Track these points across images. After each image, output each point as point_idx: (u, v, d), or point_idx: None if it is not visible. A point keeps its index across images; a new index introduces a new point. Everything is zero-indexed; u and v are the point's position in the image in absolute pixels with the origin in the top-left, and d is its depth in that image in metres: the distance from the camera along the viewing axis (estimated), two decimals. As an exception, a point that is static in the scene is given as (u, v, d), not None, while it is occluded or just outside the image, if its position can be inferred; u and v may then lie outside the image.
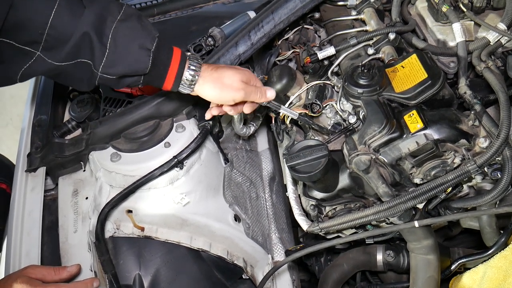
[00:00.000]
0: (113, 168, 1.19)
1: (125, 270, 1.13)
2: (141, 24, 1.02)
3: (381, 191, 0.99)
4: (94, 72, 1.00)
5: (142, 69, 1.01)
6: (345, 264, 1.20)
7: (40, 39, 0.94)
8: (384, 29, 1.22)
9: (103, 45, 0.97)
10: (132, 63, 1.00)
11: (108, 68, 1.00)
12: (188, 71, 1.04)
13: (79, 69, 1.00)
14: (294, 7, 1.32)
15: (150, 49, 1.00)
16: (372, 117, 1.01)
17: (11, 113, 3.34)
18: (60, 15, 0.94)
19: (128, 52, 0.99)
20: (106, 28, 0.98)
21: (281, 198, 1.38)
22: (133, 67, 1.01)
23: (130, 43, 0.99)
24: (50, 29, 0.94)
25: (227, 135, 1.40)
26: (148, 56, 1.00)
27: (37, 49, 0.95)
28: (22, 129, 1.41)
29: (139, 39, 1.00)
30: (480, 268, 1.03)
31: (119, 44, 0.98)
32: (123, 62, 0.99)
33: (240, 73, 1.07)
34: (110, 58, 0.98)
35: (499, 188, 0.94)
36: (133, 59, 1.00)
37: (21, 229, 1.20)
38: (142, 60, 1.00)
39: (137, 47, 0.99)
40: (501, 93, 0.99)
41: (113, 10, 1.00)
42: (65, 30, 0.95)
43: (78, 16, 0.96)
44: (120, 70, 1.00)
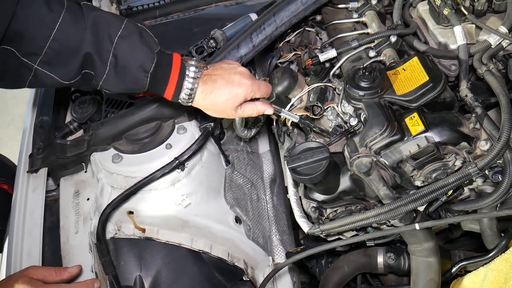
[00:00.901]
0: (115, 169, 1.19)
1: (126, 271, 1.13)
2: (141, 41, 1.03)
3: (382, 194, 0.99)
4: (95, 85, 1.04)
5: (140, 88, 1.04)
6: (345, 266, 1.20)
7: (40, 51, 0.96)
8: (385, 31, 1.22)
9: (104, 63, 1.00)
10: (130, 83, 1.03)
11: (107, 86, 1.03)
12: (184, 91, 1.06)
13: (85, 78, 1.03)
14: (295, 10, 1.32)
15: (148, 71, 1.02)
16: (373, 119, 1.01)
17: (12, 113, 3.35)
18: (63, 28, 0.96)
19: (127, 72, 1.02)
20: (108, 45, 1.00)
21: (282, 200, 1.39)
22: (131, 87, 1.04)
23: (130, 62, 1.01)
24: (53, 42, 0.95)
25: (228, 137, 1.41)
26: (146, 77, 1.02)
27: (34, 62, 0.97)
28: (24, 130, 1.42)
29: (139, 59, 1.02)
30: (481, 271, 1.03)
31: (119, 63, 1.01)
32: (122, 81, 1.03)
33: (233, 99, 1.07)
34: (109, 76, 1.01)
35: (500, 191, 0.94)
36: (131, 79, 1.03)
37: (22, 230, 1.20)
38: (140, 81, 1.03)
39: (136, 68, 1.02)
40: (502, 96, 0.99)
41: (114, 25, 1.01)
42: (68, 44, 0.97)
43: (81, 30, 0.98)
44: (118, 89, 1.04)
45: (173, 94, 1.06)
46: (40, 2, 0.94)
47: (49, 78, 1.00)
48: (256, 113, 1.13)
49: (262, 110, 1.13)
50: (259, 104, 1.12)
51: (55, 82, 1.01)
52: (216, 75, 1.09)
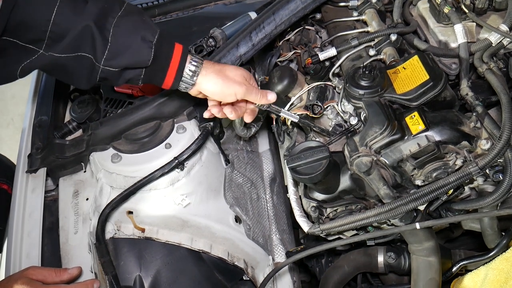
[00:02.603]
0: (114, 169, 1.19)
1: (125, 272, 1.13)
2: (142, 19, 1.03)
3: (382, 193, 0.99)
4: (96, 65, 1.00)
5: (145, 60, 1.01)
6: (346, 266, 1.20)
7: (43, 36, 0.95)
8: (385, 30, 1.21)
9: (105, 39, 0.98)
10: (134, 55, 1.00)
11: (110, 61, 1.00)
12: (190, 64, 1.04)
13: (79, 63, 1.00)
14: (295, 8, 1.32)
15: (152, 41, 1.00)
16: (374, 118, 1.01)
17: (12, 113, 3.34)
18: (62, 11, 0.95)
19: (130, 44, 1.00)
20: (107, 23, 0.98)
21: (282, 199, 1.38)
22: (135, 59, 1.01)
23: (132, 36, 1.00)
24: (53, 25, 0.95)
25: (228, 136, 1.40)
26: (150, 48, 1.00)
27: (40, 47, 0.96)
28: (22, 129, 1.41)
29: (141, 31, 1.00)
30: (481, 270, 1.03)
31: (121, 37, 0.99)
32: (125, 54, 1.00)
33: (242, 70, 1.09)
34: (112, 50, 0.99)
35: (501, 190, 0.94)
36: (135, 50, 1.00)
37: (21, 230, 1.20)
38: (144, 52, 1.00)
39: (139, 39, 1.00)
40: (503, 94, 0.99)
41: (114, 6, 1.01)
42: (67, 26, 0.96)
43: (80, 11, 0.97)
44: (122, 62, 1.00)
45: (177, 68, 1.03)
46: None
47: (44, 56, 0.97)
48: (260, 96, 1.10)
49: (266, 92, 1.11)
50: (262, 90, 1.12)
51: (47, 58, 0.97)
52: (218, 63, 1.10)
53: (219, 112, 1.13)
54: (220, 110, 1.13)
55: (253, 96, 1.10)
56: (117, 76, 1.02)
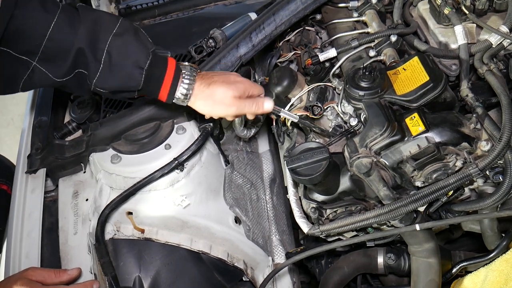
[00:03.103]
0: (114, 170, 1.19)
1: (125, 272, 1.12)
2: (136, 38, 1.03)
3: (382, 194, 0.99)
4: (89, 84, 1.03)
5: (135, 86, 1.03)
6: (345, 267, 1.19)
7: (37, 50, 0.96)
8: (385, 31, 1.21)
9: (98, 61, 0.99)
10: (125, 80, 1.02)
11: (101, 84, 1.02)
12: (181, 88, 1.05)
13: (79, 78, 1.02)
14: (295, 9, 1.31)
15: (143, 67, 1.01)
16: (374, 119, 1.01)
17: (12, 113, 3.34)
18: (58, 28, 0.96)
19: (121, 69, 1.01)
20: (101, 43, 0.99)
21: (281, 200, 1.38)
22: (125, 84, 1.03)
23: (124, 60, 1.01)
24: (48, 41, 0.96)
25: (227, 137, 1.40)
26: (141, 74, 1.01)
27: (33, 59, 0.97)
28: (22, 130, 1.41)
29: (134, 55, 1.01)
30: (481, 271, 1.03)
31: (113, 60, 1.00)
32: (116, 78, 1.02)
33: (232, 89, 1.07)
34: (103, 73, 1.00)
35: (501, 191, 0.94)
36: (126, 76, 1.02)
37: (21, 231, 1.20)
38: (135, 78, 1.02)
39: (131, 64, 1.01)
40: (503, 96, 0.99)
41: (109, 23, 1.01)
42: (62, 44, 0.97)
43: (75, 30, 0.98)
44: (112, 87, 1.03)
45: (168, 91, 1.05)
46: (35, 3, 0.95)
47: (44, 76, 1.00)
48: (256, 108, 1.10)
49: (262, 101, 1.11)
50: (259, 98, 1.12)
51: (49, 80, 1.01)
52: (212, 74, 1.10)
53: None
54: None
55: (247, 111, 1.10)
56: (109, 95, 1.06)
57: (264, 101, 1.11)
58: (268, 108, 1.12)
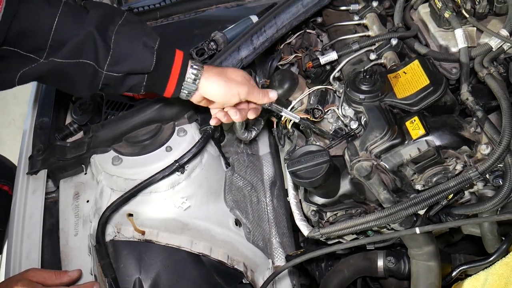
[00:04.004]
0: (115, 172, 1.19)
1: (125, 274, 1.13)
2: (142, 27, 1.04)
3: (382, 197, 0.99)
4: (99, 71, 1.00)
5: (147, 66, 1.01)
6: (345, 270, 1.19)
7: (45, 45, 0.95)
8: (386, 34, 1.22)
9: (107, 45, 0.98)
10: (137, 60, 1.01)
11: (114, 66, 1.00)
12: (191, 69, 1.05)
13: (81, 70, 0.99)
14: (296, 12, 1.32)
15: (153, 46, 1.01)
16: (374, 123, 1.01)
17: (13, 113, 3.35)
18: (64, 19, 0.96)
19: (132, 50, 1.00)
20: (109, 30, 0.99)
21: (282, 203, 1.38)
22: (138, 64, 1.01)
23: (134, 42, 1.01)
24: (55, 33, 0.95)
25: (228, 139, 1.40)
26: (152, 53, 1.01)
27: (41, 56, 0.96)
28: (24, 131, 1.42)
29: (142, 38, 1.01)
30: (481, 275, 1.03)
31: (123, 44, 1.00)
32: (128, 59, 1.00)
33: (242, 71, 1.10)
34: (114, 56, 0.99)
35: (500, 195, 0.94)
36: (137, 56, 1.01)
37: (21, 232, 1.20)
38: (147, 57, 1.01)
39: (141, 45, 1.01)
40: (503, 99, 0.99)
41: (115, 15, 1.02)
42: (69, 34, 0.97)
43: (81, 19, 0.98)
44: (125, 67, 1.01)
45: (179, 73, 1.04)
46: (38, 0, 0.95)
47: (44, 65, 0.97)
48: (263, 95, 1.11)
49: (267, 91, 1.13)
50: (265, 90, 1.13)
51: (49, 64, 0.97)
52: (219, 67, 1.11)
53: (225, 116, 1.13)
54: (225, 114, 1.13)
55: (255, 96, 1.10)
56: (119, 82, 1.02)
57: (269, 91, 1.13)
58: (273, 97, 1.13)
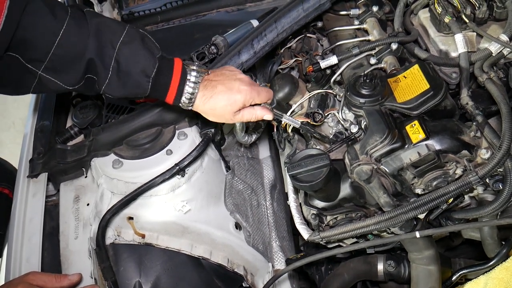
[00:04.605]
0: (115, 175, 1.19)
1: (125, 277, 1.12)
2: (143, 46, 1.04)
3: (382, 201, 0.99)
4: (97, 89, 1.05)
5: (142, 93, 1.06)
6: (345, 274, 1.19)
7: (44, 58, 0.97)
8: (386, 39, 1.22)
9: (106, 68, 1.01)
10: (132, 88, 1.05)
11: (110, 90, 1.05)
12: (185, 96, 1.07)
13: (88, 83, 1.04)
14: (297, 16, 1.32)
15: (150, 76, 1.03)
16: (374, 127, 1.02)
17: (13, 116, 3.35)
18: (68, 35, 0.97)
19: (129, 77, 1.03)
20: (110, 51, 1.01)
21: (282, 206, 1.38)
22: (133, 92, 1.06)
23: (132, 68, 1.03)
24: (57, 48, 0.96)
25: (228, 143, 1.41)
26: (148, 82, 1.04)
27: (38, 68, 0.98)
28: (24, 134, 1.42)
29: (141, 64, 1.03)
30: (481, 279, 1.03)
31: (121, 68, 1.02)
32: (124, 86, 1.04)
33: (232, 106, 1.08)
34: (111, 81, 1.03)
35: (500, 199, 0.94)
36: (133, 84, 1.04)
37: (22, 235, 1.20)
38: (142, 85, 1.04)
39: (138, 72, 1.03)
40: (503, 104, 0.99)
41: (116, 30, 1.03)
42: (72, 50, 0.98)
43: (84, 37, 0.99)
44: (120, 94, 1.06)
45: (174, 98, 1.08)
46: (44, 10, 0.95)
47: (53, 84, 1.01)
48: (255, 118, 1.13)
49: (261, 115, 1.13)
50: (258, 109, 1.13)
51: (59, 87, 1.02)
52: (217, 81, 1.09)
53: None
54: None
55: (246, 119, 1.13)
56: (117, 100, 1.09)
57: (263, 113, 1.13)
58: (267, 118, 1.14)
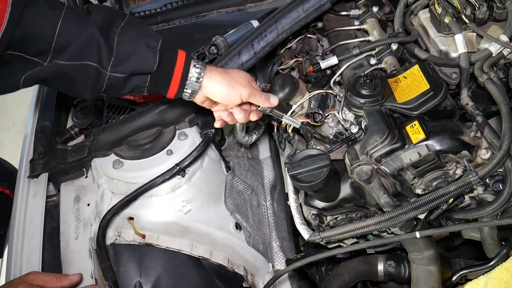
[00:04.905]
0: (115, 175, 1.19)
1: (125, 278, 1.13)
2: (144, 28, 1.05)
3: (382, 201, 0.99)
4: (102, 73, 1.01)
5: (150, 66, 1.02)
6: (346, 274, 1.19)
7: (49, 48, 0.96)
8: (386, 39, 1.22)
9: (110, 46, 1.00)
10: (140, 61, 1.02)
11: (117, 67, 1.01)
12: (194, 68, 1.06)
13: (84, 72, 1.00)
14: (297, 17, 1.33)
15: (156, 47, 1.02)
16: (374, 127, 1.02)
17: (14, 117, 3.35)
18: (67, 22, 0.97)
19: (135, 51, 1.01)
20: (111, 32, 1.00)
21: (282, 207, 1.39)
22: (141, 65, 1.02)
23: (136, 43, 1.02)
24: (58, 37, 0.96)
25: (229, 143, 1.41)
26: (155, 54, 1.02)
27: (45, 60, 0.97)
28: (25, 135, 1.42)
29: (145, 39, 1.03)
30: (481, 279, 1.03)
31: (125, 45, 1.01)
32: (131, 60, 1.01)
33: (244, 73, 1.12)
34: (118, 57, 1.00)
35: (500, 199, 0.94)
36: (140, 56, 1.02)
37: (22, 235, 1.20)
38: (150, 58, 1.02)
39: (144, 46, 1.02)
40: (503, 104, 0.99)
41: (117, 17, 1.03)
42: (72, 36, 0.98)
43: (84, 21, 0.99)
44: (129, 68, 1.02)
45: (181, 73, 1.05)
46: (42, 4, 0.96)
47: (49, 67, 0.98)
48: (265, 99, 1.12)
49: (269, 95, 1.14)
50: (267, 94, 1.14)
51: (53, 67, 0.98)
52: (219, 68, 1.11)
53: (229, 116, 1.14)
54: (229, 114, 1.14)
55: (257, 98, 1.11)
56: (123, 83, 1.03)
57: (270, 96, 1.14)
58: (274, 102, 1.14)
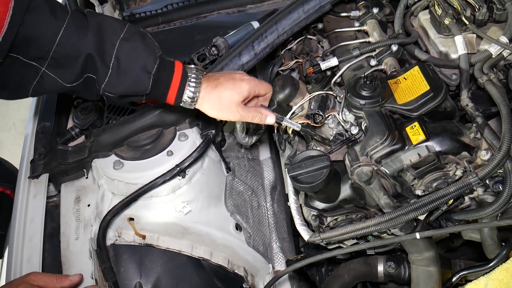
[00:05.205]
0: (116, 176, 1.20)
1: (125, 278, 1.13)
2: (143, 43, 1.04)
3: (382, 202, 1.00)
4: (97, 89, 1.04)
5: (143, 90, 1.04)
6: (346, 275, 1.19)
7: (46, 55, 0.97)
8: (386, 40, 1.22)
9: (106, 66, 1.00)
10: (133, 85, 1.03)
11: (110, 88, 1.03)
12: (187, 92, 1.06)
13: (88, 83, 1.03)
14: (297, 18, 1.33)
15: (151, 72, 1.02)
16: (374, 128, 1.02)
17: (14, 117, 3.35)
18: (67, 34, 0.97)
19: (129, 73, 1.02)
20: (109, 48, 1.00)
21: (282, 207, 1.39)
22: (133, 89, 1.04)
23: (132, 64, 1.02)
24: (58, 47, 0.97)
25: (229, 144, 1.41)
26: (149, 78, 1.03)
27: (42, 65, 0.98)
28: (25, 135, 1.42)
29: (141, 60, 1.02)
30: (481, 280, 1.03)
31: (122, 65, 1.01)
32: (124, 83, 1.03)
33: (238, 93, 1.08)
34: (111, 78, 1.02)
35: (500, 200, 0.94)
36: (134, 80, 1.03)
37: (23, 236, 1.20)
38: (143, 82, 1.03)
39: (139, 68, 1.02)
40: (502, 106, 0.99)
41: (116, 28, 1.02)
42: (71, 49, 0.98)
43: (84, 35, 0.99)
44: (120, 91, 1.04)
45: (176, 95, 1.06)
46: (44, 9, 0.96)
47: (53, 81, 1.00)
48: (259, 119, 1.12)
49: (266, 114, 1.13)
50: (263, 110, 1.14)
51: (58, 85, 1.01)
52: (218, 75, 1.11)
53: None
54: None
55: (250, 120, 1.12)
56: (117, 99, 1.07)
57: (267, 115, 1.13)
58: (270, 122, 1.15)
